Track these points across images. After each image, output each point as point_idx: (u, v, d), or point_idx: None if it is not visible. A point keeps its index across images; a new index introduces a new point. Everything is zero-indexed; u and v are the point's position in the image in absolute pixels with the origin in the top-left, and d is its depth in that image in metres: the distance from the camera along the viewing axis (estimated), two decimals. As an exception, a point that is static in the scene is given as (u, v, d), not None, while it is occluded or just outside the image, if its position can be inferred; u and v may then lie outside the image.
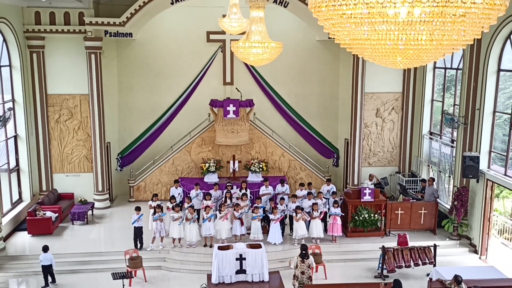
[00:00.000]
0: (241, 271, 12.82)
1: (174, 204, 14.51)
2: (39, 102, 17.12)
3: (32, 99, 17.05)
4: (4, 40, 15.92)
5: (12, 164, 16.44)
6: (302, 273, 11.58)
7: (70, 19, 16.89)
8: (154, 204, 14.61)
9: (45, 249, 12.66)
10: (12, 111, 15.84)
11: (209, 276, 13.00)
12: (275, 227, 14.31)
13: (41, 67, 16.99)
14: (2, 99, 15.80)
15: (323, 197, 15.31)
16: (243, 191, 15.66)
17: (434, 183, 16.34)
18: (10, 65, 16.31)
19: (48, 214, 15.53)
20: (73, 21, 16.90)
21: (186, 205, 14.73)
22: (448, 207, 15.55)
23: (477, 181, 14.28)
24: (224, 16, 15.00)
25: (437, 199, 15.99)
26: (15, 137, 16.58)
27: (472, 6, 3.64)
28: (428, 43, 4.01)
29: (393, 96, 18.23)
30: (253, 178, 17.87)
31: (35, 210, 15.35)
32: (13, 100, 16.41)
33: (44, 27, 16.74)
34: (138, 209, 14.25)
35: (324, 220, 14.85)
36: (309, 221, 14.53)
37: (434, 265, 12.94)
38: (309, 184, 16.45)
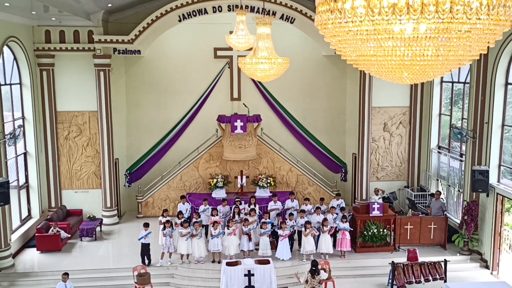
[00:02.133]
0: (250, 287, 12.73)
1: (183, 219, 14.49)
2: (49, 119, 17.31)
3: (41, 116, 17.24)
4: (15, 58, 16.17)
5: (22, 181, 16.56)
6: (312, 289, 11.50)
7: (80, 37, 17.15)
8: (164, 219, 14.60)
9: (65, 276, 11.83)
10: (22, 129, 16.02)
11: (217, 293, 12.93)
12: (283, 243, 14.24)
13: (51, 84, 17.21)
14: (12, 116, 15.98)
15: (335, 212, 15.21)
16: (252, 206, 15.63)
17: (442, 196, 16.21)
18: (20, 83, 16.53)
19: (62, 232, 15.64)
20: (82, 39, 17.15)
21: (194, 220, 14.72)
22: (458, 221, 15.40)
23: (487, 195, 14.16)
24: (231, 32, 15.14)
25: (447, 214, 15.87)
26: (25, 154, 16.72)
27: (477, 22, 3.66)
28: (434, 58, 4.03)
29: (400, 110, 18.23)
30: (261, 193, 17.85)
31: (49, 226, 15.42)
32: (23, 118, 16.60)
33: (54, 45, 17.00)
34: (146, 225, 14.24)
35: (333, 235, 14.76)
36: (318, 236, 14.45)
37: (445, 281, 12.78)
38: (321, 199, 16.37)
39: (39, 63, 17.05)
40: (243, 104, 18.90)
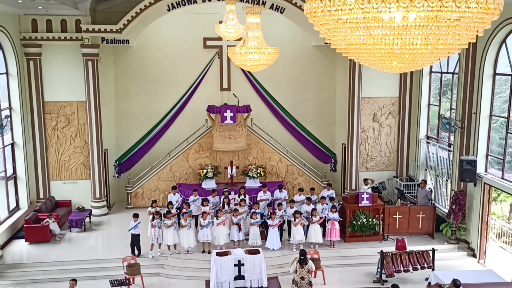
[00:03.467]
0: (240, 277, 12.78)
1: (166, 211, 14.45)
2: (36, 110, 17.11)
3: (29, 106, 17.04)
4: (1, 47, 15.93)
5: (9, 171, 16.39)
6: (302, 278, 11.54)
7: (67, 27, 16.92)
8: (153, 210, 14.57)
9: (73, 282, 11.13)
10: (9, 119, 15.83)
11: (207, 283, 12.96)
12: (273, 233, 14.29)
13: (38, 74, 16.99)
14: (-1, 106, 15.80)
15: (325, 203, 15.26)
16: (242, 196, 15.64)
17: (427, 186, 16.36)
18: (7, 73, 16.30)
19: (56, 227, 15.50)
20: (70, 28, 16.93)
21: (183, 211, 14.70)
22: (446, 211, 15.56)
23: (475, 185, 14.31)
24: (220, 22, 15.06)
25: (434, 203, 16.03)
26: (12, 144, 16.54)
27: (466, 10, 3.67)
28: (423, 47, 4.04)
29: (390, 100, 18.29)
30: (251, 183, 17.87)
31: (38, 217, 15.26)
32: (10, 108, 16.40)
33: (41, 34, 16.76)
34: (136, 216, 14.20)
35: (323, 225, 14.84)
36: (308, 226, 14.52)
37: (433, 269, 12.93)
38: (312, 189, 16.41)
39: (26, 53, 16.81)
40: (233, 94, 18.85)
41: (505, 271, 12.89)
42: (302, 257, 11.66)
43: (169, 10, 17.11)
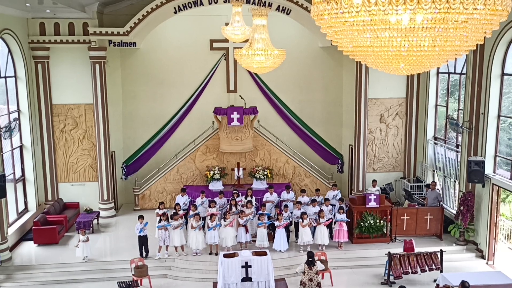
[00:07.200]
0: (247, 278, 12.78)
1: (173, 213, 14.48)
2: (44, 112, 17.22)
3: (37, 109, 17.16)
4: (9, 51, 16.05)
5: (18, 174, 16.51)
6: (310, 280, 11.53)
7: (75, 30, 17.03)
8: (160, 212, 14.60)
9: None
10: (17, 122, 15.94)
11: (214, 284, 12.97)
12: (280, 234, 14.27)
13: (46, 77, 17.11)
14: (8, 109, 15.90)
15: (330, 204, 15.24)
16: (249, 198, 15.64)
17: (437, 187, 16.28)
18: (15, 76, 16.43)
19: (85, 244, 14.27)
20: (77, 31, 17.03)
21: (191, 212, 14.73)
22: (454, 212, 15.47)
23: (483, 186, 14.22)
24: (227, 24, 15.10)
25: (443, 204, 15.94)
26: (21, 147, 16.66)
27: (474, 12, 3.66)
28: (430, 49, 4.03)
29: (397, 101, 18.24)
30: (258, 185, 17.88)
31: (46, 219, 15.22)
32: (18, 111, 16.52)
33: (48, 37, 16.88)
34: (141, 217, 14.23)
35: (329, 226, 14.80)
36: (315, 227, 14.50)
37: (441, 271, 12.86)
38: (317, 190, 16.39)
39: (34, 56, 16.94)
40: (240, 96, 18.87)
41: (514, 272, 12.79)
42: (310, 259, 11.64)
43: (175, 12, 17.18)
